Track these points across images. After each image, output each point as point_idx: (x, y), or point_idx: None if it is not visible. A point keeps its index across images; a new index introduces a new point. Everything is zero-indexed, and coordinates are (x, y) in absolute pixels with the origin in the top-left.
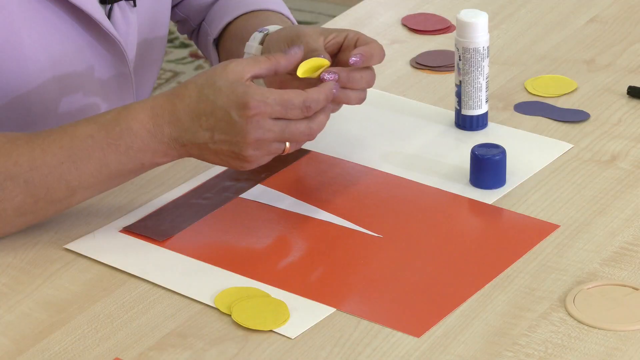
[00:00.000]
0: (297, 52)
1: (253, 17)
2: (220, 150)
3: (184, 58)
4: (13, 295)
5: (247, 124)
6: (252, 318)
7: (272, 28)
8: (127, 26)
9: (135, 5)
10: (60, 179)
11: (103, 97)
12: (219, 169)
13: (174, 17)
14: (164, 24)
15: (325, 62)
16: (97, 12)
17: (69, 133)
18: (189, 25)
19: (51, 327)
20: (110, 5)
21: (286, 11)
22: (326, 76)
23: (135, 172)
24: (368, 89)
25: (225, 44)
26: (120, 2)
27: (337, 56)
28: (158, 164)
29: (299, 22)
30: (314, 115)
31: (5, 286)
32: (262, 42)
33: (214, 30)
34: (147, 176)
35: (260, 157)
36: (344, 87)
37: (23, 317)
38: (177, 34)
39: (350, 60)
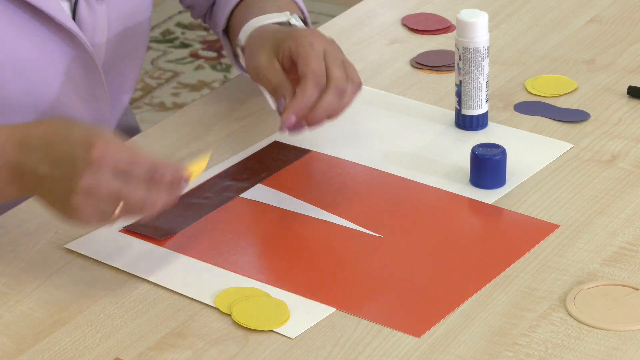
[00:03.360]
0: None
1: None
2: (54, 190)
3: (183, 58)
4: (13, 295)
5: (85, 166)
6: (252, 318)
7: (294, 21)
8: (94, 21)
9: None
10: None
11: (74, 93)
12: (219, 169)
13: (183, 2)
14: (143, 18)
15: (205, 160)
16: (57, 10)
17: None
18: (198, 10)
19: (51, 327)
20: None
21: None
22: (285, 124)
23: None
24: (368, 89)
25: (235, 24)
26: None
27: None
28: (6, 195)
29: None
30: (158, 187)
31: (5, 286)
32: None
33: (220, 19)
34: None
35: (87, 214)
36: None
37: (23, 317)
38: (177, 33)
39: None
